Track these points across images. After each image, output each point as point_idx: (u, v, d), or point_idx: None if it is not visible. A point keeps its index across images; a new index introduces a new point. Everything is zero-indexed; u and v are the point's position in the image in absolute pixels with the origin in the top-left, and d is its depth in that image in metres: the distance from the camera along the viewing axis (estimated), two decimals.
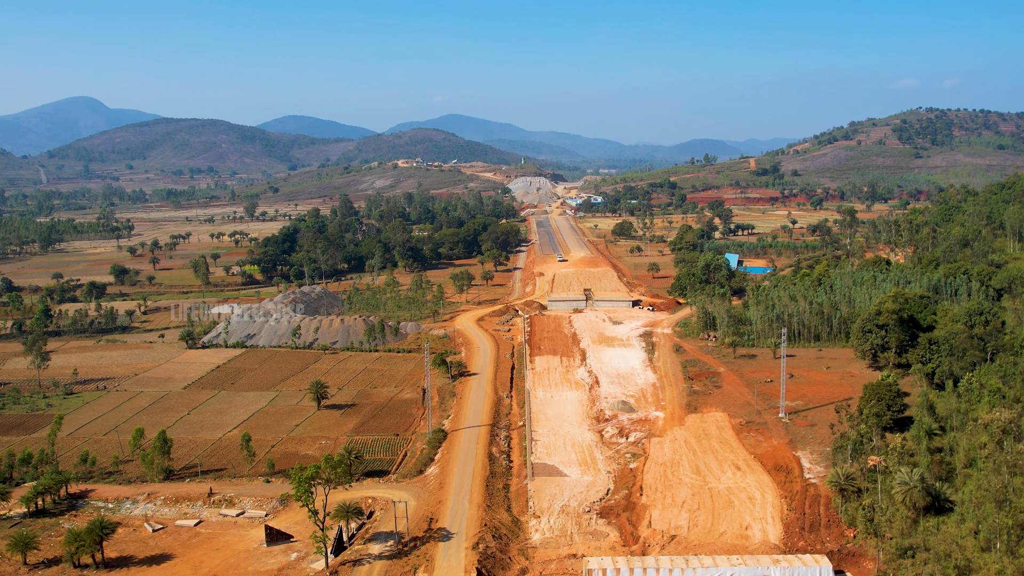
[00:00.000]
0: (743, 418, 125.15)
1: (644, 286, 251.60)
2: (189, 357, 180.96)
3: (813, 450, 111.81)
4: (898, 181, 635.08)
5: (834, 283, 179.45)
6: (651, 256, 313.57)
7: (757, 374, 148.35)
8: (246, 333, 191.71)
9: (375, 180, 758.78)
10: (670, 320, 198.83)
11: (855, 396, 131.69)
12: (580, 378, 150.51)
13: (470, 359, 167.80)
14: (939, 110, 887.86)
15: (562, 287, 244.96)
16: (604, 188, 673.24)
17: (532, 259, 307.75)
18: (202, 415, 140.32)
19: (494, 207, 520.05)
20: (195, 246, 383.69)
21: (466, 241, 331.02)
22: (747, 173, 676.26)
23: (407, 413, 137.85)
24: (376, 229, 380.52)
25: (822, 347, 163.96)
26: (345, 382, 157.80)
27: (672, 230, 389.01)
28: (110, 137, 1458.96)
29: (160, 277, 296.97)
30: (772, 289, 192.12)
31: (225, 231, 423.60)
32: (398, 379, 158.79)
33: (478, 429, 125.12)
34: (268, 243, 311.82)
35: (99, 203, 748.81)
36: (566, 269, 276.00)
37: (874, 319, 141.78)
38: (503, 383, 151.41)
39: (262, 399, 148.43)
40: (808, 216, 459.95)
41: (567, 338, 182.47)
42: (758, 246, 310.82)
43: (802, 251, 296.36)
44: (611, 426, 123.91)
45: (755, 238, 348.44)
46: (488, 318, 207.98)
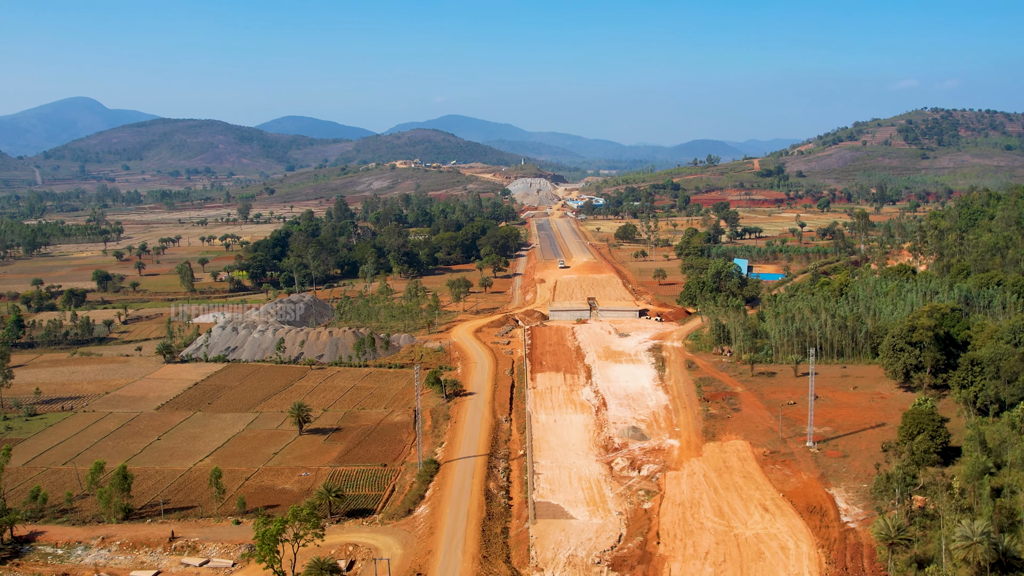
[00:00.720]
0: (767, 447, 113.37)
1: (650, 294, 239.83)
2: (166, 373, 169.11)
3: (848, 487, 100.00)
4: (905, 182, 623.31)
5: (857, 294, 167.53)
6: (656, 261, 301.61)
7: (778, 394, 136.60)
8: (228, 346, 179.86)
9: (373, 181, 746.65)
10: (680, 332, 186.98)
11: (888, 422, 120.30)
12: (585, 399, 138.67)
13: (467, 376, 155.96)
14: (944, 110, 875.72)
15: (564, 295, 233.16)
16: (606, 189, 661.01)
17: (533, 264, 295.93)
18: (173, 440, 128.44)
19: (493, 209, 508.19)
20: (185, 250, 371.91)
21: (464, 245, 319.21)
22: (751, 174, 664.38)
23: (397, 439, 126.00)
24: (371, 232, 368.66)
25: (846, 364, 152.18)
26: (331, 402, 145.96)
27: (677, 233, 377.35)
28: (107, 138, 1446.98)
29: (145, 283, 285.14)
30: (789, 299, 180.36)
31: (216, 234, 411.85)
32: (388, 399, 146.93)
33: (474, 460, 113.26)
34: (258, 248, 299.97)
35: (92, 205, 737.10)
36: (568, 275, 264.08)
37: (907, 335, 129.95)
38: (502, 404, 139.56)
39: (240, 422, 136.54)
40: (816, 219, 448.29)
41: (570, 352, 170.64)
42: (768, 251, 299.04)
43: (814, 256, 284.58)
44: (621, 457, 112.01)
45: (763, 242, 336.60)
46: (486, 329, 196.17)
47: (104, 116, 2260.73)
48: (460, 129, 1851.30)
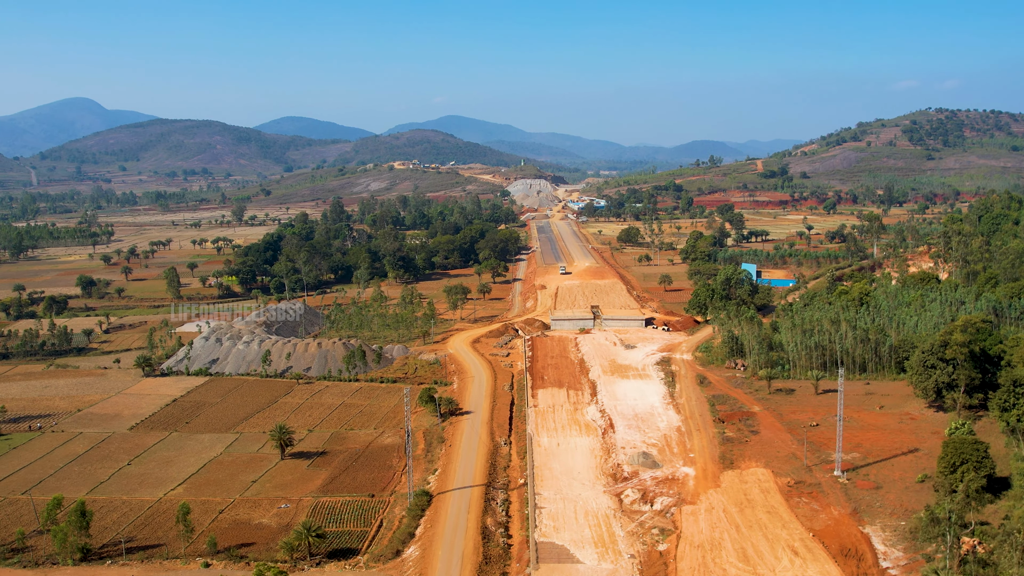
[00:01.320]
0: (791, 476, 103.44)
1: (656, 300, 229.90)
2: (144, 387, 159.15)
3: (885, 524, 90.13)
4: (911, 184, 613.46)
5: (880, 304, 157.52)
6: (661, 266, 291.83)
7: (799, 415, 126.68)
8: (211, 358, 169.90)
9: (370, 182, 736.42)
10: (689, 343, 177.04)
11: (922, 447, 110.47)
12: (591, 419, 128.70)
13: (463, 392, 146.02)
14: (949, 111, 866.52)
15: (566, 302, 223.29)
16: (607, 191, 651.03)
17: (533, 269, 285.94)
18: (145, 466, 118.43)
19: (492, 211, 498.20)
20: (175, 253, 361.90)
21: (462, 249, 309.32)
22: (754, 175, 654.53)
23: (387, 465, 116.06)
24: (367, 235, 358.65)
25: (869, 380, 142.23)
26: (317, 421, 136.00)
27: (681, 236, 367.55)
28: (103, 138, 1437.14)
29: (132, 289, 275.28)
30: (804, 308, 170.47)
31: (209, 237, 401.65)
32: (379, 418, 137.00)
33: (470, 491, 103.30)
34: (249, 252, 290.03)
35: (86, 206, 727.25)
36: (570, 281, 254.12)
37: (938, 352, 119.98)
38: (501, 424, 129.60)
39: (218, 444, 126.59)
40: (822, 221, 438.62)
41: (574, 365, 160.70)
42: (776, 255, 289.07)
43: (825, 261, 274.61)
44: (631, 488, 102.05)
45: (771, 246, 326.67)
46: (485, 339, 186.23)
47: (103, 117, 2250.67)
48: (459, 130, 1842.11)
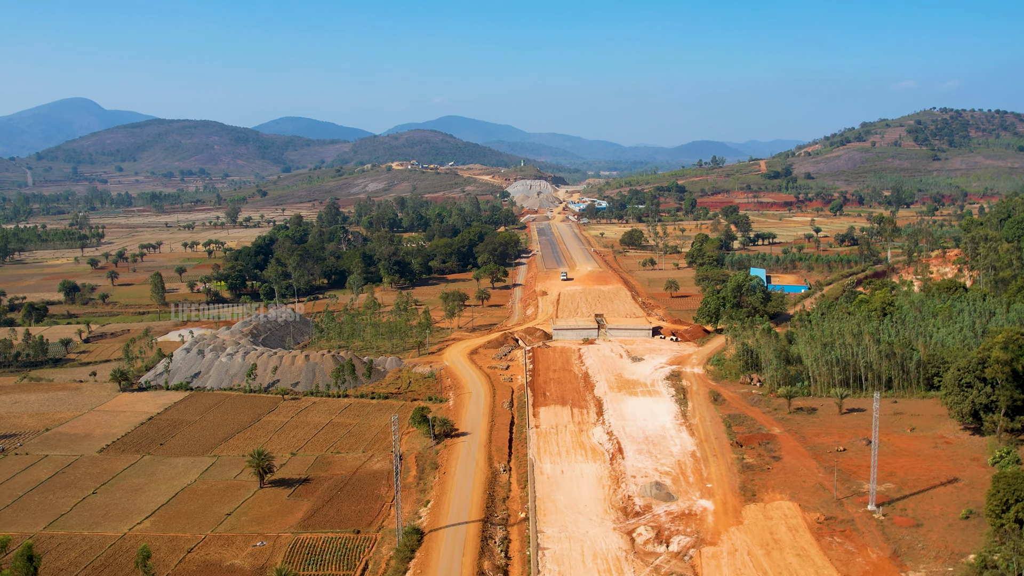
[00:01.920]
0: (820, 511, 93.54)
1: (663, 308, 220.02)
2: (120, 403, 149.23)
3: (930, 571, 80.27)
4: (918, 184, 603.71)
5: (905, 315, 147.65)
6: (666, 270, 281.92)
7: (823, 438, 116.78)
8: (192, 372, 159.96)
9: (368, 183, 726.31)
10: (699, 355, 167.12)
11: (962, 476, 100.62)
12: (597, 442, 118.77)
13: (459, 410, 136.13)
14: (954, 110, 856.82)
15: (569, 309, 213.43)
16: (608, 192, 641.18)
17: (534, 274, 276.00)
18: (111, 495, 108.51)
19: (492, 213, 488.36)
20: (165, 256, 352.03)
21: (460, 253, 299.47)
22: (758, 176, 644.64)
23: (375, 494, 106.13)
24: (363, 238, 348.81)
25: (896, 397, 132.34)
26: (301, 443, 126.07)
27: (685, 239, 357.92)
28: (100, 138, 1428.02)
29: (117, 294, 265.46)
30: (822, 319, 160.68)
31: (201, 239, 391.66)
32: (368, 439, 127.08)
33: (466, 528, 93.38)
34: (239, 256, 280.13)
35: (80, 207, 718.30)
36: (572, 287, 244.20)
37: (975, 370, 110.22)
38: (500, 448, 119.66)
39: (193, 469, 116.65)
40: (829, 223, 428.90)
41: (578, 380, 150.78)
42: (786, 259, 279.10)
43: (836, 265, 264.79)
44: (644, 524, 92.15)
45: (779, 249, 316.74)
46: (483, 350, 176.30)
47: (101, 117, 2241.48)
48: (459, 130, 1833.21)
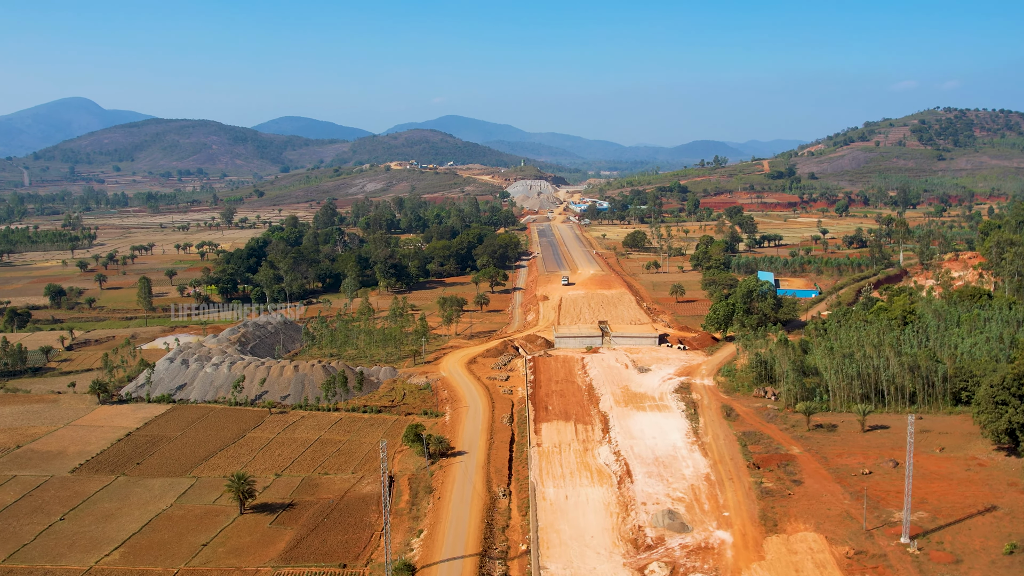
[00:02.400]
0: (848, 543, 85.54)
1: (668, 313, 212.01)
2: (98, 417, 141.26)
3: None
4: (923, 184, 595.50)
5: (927, 324, 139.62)
6: (671, 273, 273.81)
7: (846, 459, 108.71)
8: (176, 383, 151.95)
9: (366, 183, 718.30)
10: (709, 365, 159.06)
11: (1000, 503, 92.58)
12: (604, 462, 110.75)
13: (456, 426, 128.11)
14: (958, 110, 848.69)
15: (571, 315, 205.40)
16: (610, 192, 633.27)
17: (534, 277, 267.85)
18: (80, 521, 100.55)
19: (491, 213, 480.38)
20: (157, 259, 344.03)
21: (459, 255, 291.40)
22: (761, 176, 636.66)
23: (364, 522, 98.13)
24: (359, 240, 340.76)
25: (921, 413, 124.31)
26: (287, 462, 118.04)
27: (689, 241, 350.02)
28: (98, 138, 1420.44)
29: (105, 298, 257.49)
30: (838, 327, 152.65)
31: (194, 241, 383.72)
32: (359, 458, 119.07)
33: (461, 564, 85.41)
34: (231, 258, 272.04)
35: (75, 208, 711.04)
36: (575, 291, 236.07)
37: (1011, 386, 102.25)
38: (499, 469, 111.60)
39: (170, 492, 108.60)
40: (835, 224, 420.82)
41: (582, 393, 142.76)
42: (794, 262, 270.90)
43: (846, 269, 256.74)
44: (658, 560, 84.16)
45: (786, 251, 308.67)
46: (481, 359, 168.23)
47: (100, 117, 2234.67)
48: (459, 130, 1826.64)
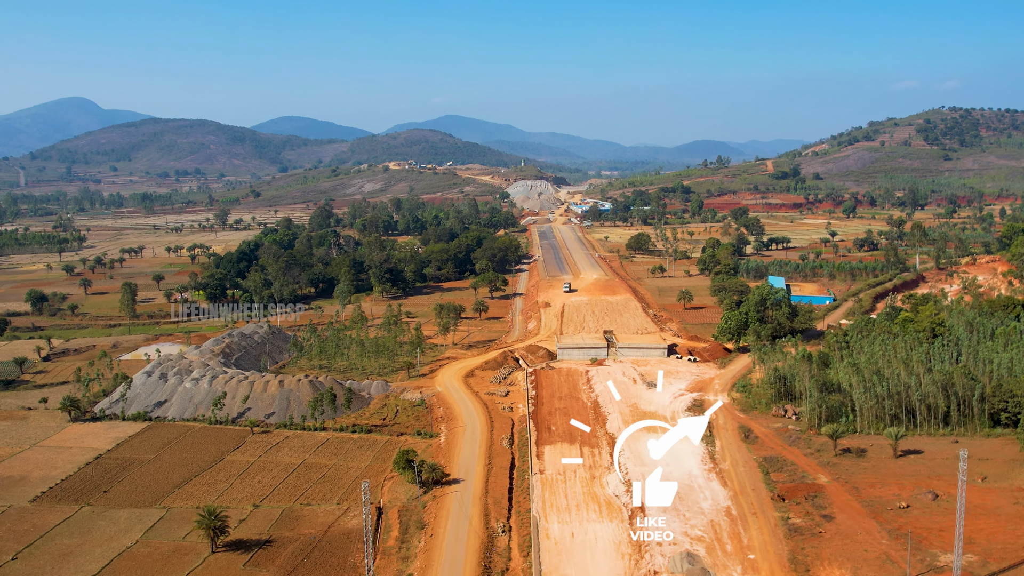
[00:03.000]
0: None
1: (676, 321, 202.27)
2: (68, 437, 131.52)
3: None
4: (930, 185, 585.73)
5: (959, 337, 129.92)
6: (677, 278, 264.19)
7: (879, 489, 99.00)
8: (154, 399, 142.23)
9: (364, 184, 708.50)
10: (723, 379, 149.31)
11: None
12: (613, 493, 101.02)
13: (451, 449, 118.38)
14: (963, 109, 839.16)
15: (574, 323, 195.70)
16: (612, 193, 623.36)
17: (535, 282, 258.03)
18: (36, 560, 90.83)
19: (491, 215, 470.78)
20: (147, 262, 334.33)
21: (457, 259, 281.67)
22: (765, 176, 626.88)
23: (347, 564, 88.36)
24: (355, 243, 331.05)
25: (956, 435, 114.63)
26: (267, 491, 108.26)
27: (695, 243, 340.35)
28: (95, 138, 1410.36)
29: (89, 304, 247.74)
30: (860, 338, 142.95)
31: (187, 243, 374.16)
32: (345, 485, 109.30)
33: None
34: (220, 262, 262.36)
35: (69, 208, 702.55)
36: (577, 298, 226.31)
37: None
38: (498, 500, 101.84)
39: (137, 525, 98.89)
40: (843, 226, 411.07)
41: (587, 410, 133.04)
42: (805, 266, 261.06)
43: (860, 273, 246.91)
44: None
45: (796, 255, 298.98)
46: (479, 372, 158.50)
47: (99, 116, 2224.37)
48: (459, 130, 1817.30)
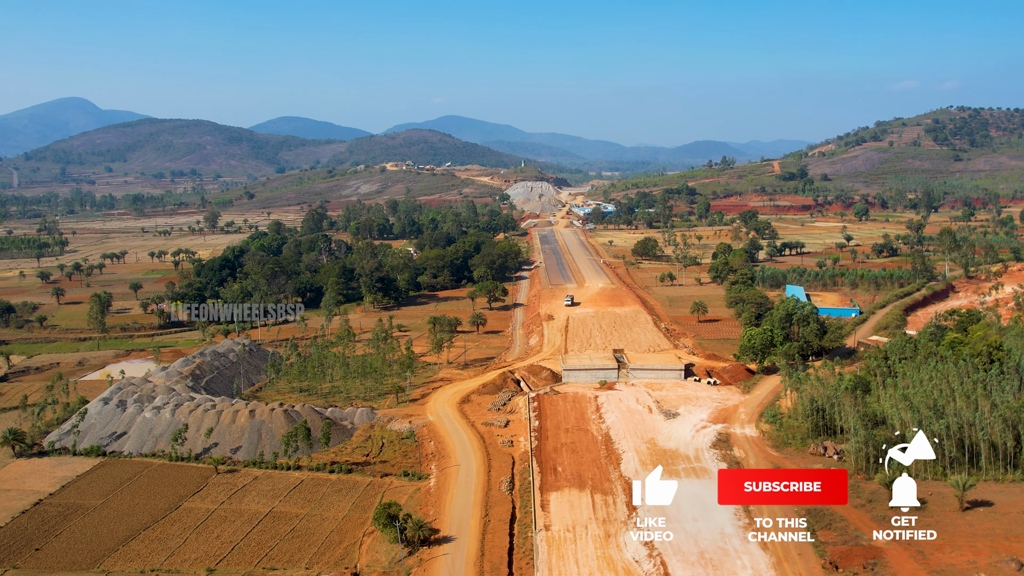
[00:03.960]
0: None
1: (690, 335, 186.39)
2: (7, 477, 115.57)
3: None
4: (942, 186, 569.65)
5: (1019, 362, 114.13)
6: (688, 286, 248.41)
7: (949, 554, 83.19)
8: (110, 431, 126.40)
9: (360, 185, 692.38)
10: (748, 407, 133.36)
11: None
12: (632, 557, 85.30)
13: (442, 496, 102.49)
14: (971, 109, 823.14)
15: (580, 339, 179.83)
16: (614, 194, 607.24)
17: (537, 291, 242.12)
18: None
19: (490, 218, 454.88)
20: (128, 268, 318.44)
21: (454, 266, 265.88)
22: (772, 178, 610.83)
23: None
24: (347, 248, 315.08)
25: None
26: (226, 548, 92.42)
27: (704, 247, 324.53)
28: (91, 138, 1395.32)
29: (61, 315, 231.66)
30: (898, 360, 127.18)
31: (172, 248, 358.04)
32: (318, 543, 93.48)
33: None
34: (202, 270, 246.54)
35: (59, 210, 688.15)
36: (582, 310, 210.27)
37: None
38: (495, 566, 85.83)
39: None
40: (857, 229, 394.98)
41: (597, 446, 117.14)
42: (824, 274, 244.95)
43: (884, 282, 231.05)
44: None
45: (811, 260, 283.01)
46: (476, 398, 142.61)
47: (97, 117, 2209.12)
48: (459, 130, 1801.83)
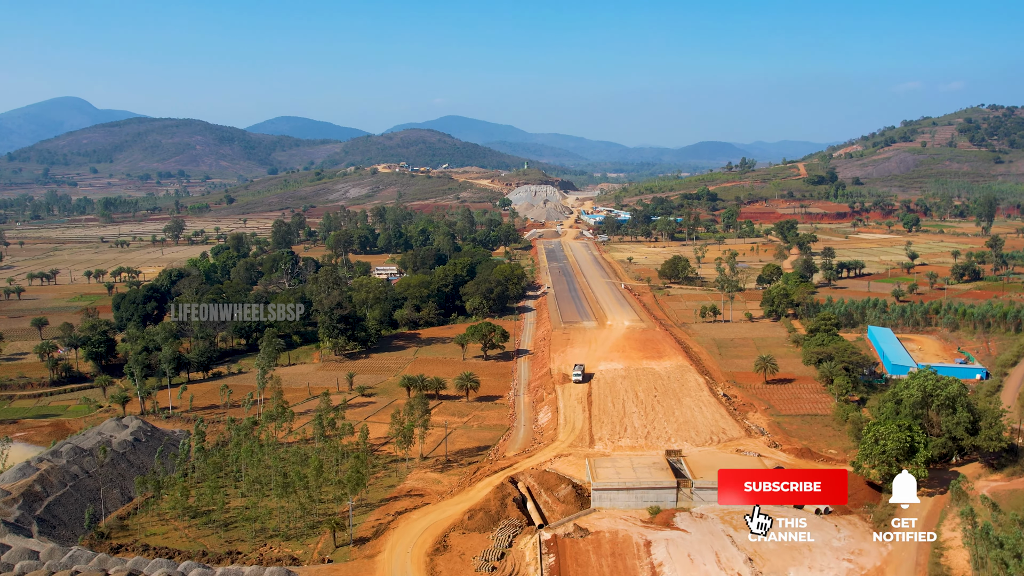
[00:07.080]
0: None
1: (759, 405, 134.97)
2: None
3: None
4: (986, 192, 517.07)
5: None
6: (736, 323, 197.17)
7: None
8: None
9: (349, 188, 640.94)
10: (895, 568, 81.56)
11: None
12: None
13: None
14: (1005, 108, 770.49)
15: (610, 418, 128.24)
16: (627, 200, 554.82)
17: (546, 333, 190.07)
18: None
19: (489, 227, 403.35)
20: (57, 291, 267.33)
21: (442, 294, 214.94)
22: (799, 181, 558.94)
23: None
24: (315, 266, 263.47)
25: None
26: None
27: (743, 268, 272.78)
28: (77, 138, 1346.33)
29: None
30: None
31: (117, 264, 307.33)
32: None
33: None
34: (122, 303, 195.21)
35: (26, 215, 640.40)
36: (610, 364, 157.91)
37: None
38: None
39: None
40: (913, 242, 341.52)
41: None
42: (914, 310, 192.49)
43: (995, 322, 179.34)
44: None
45: (882, 287, 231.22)
46: (457, 541, 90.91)
47: (93, 116, 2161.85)
48: (460, 130, 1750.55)
